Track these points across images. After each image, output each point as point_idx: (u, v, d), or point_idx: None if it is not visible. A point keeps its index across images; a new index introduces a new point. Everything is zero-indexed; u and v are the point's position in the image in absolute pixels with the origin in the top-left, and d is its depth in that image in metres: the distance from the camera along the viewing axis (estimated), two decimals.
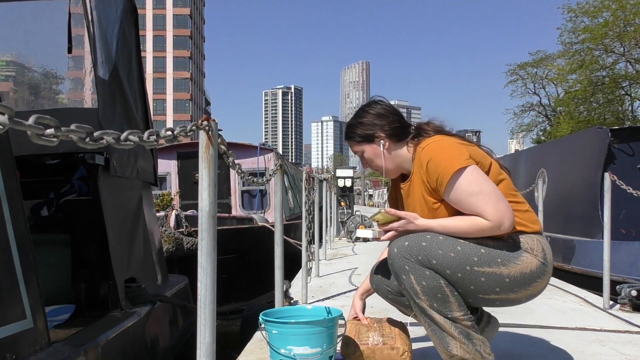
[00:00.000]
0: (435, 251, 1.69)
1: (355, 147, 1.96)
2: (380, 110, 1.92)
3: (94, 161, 2.72)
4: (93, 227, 2.77)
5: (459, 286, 1.70)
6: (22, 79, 4.71)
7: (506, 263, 1.68)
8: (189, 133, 1.36)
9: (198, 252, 1.37)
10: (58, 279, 2.80)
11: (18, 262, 1.85)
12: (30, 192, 2.08)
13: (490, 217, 1.65)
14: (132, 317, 2.68)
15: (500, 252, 1.69)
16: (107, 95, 2.91)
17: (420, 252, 1.69)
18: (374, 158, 1.92)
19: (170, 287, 3.60)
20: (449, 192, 1.70)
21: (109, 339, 2.32)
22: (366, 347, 2.07)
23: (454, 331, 1.69)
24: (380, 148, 1.89)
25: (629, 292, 3.55)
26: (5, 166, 1.86)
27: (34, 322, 1.88)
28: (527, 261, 1.70)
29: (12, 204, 1.86)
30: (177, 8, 76.85)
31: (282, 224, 3.08)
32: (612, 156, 6.14)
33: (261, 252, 6.17)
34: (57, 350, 1.97)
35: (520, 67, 28.39)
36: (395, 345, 2.06)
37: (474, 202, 1.66)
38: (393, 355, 2.04)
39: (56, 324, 2.47)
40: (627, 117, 22.53)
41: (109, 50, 2.99)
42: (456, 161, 1.69)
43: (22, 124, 0.82)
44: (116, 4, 3.20)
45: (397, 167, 1.93)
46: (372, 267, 2.11)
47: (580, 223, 6.81)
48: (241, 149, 9.06)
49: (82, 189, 3.02)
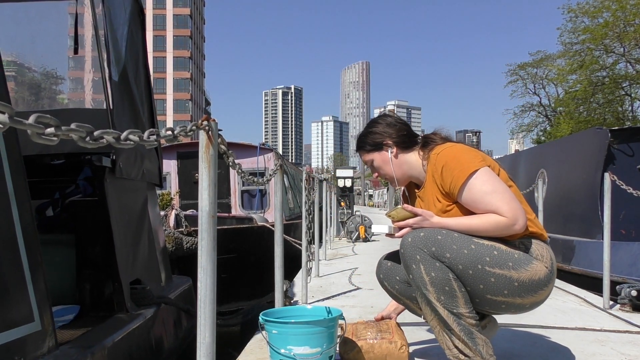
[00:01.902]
0: (450, 245, 1.72)
1: (365, 156, 2.03)
2: (390, 120, 2.01)
3: (101, 163, 2.71)
4: (98, 227, 2.76)
5: (469, 284, 1.72)
6: (22, 79, 4.71)
7: (517, 267, 1.72)
8: (189, 133, 1.36)
9: (198, 252, 1.37)
10: (62, 279, 2.80)
11: (26, 264, 1.85)
12: (35, 192, 2.08)
13: (506, 213, 1.70)
14: (138, 319, 2.67)
15: (512, 256, 1.73)
16: (119, 97, 2.92)
17: (435, 244, 1.72)
18: (382, 165, 1.98)
19: (174, 288, 3.59)
20: (463, 192, 1.75)
21: (116, 341, 2.32)
22: (364, 342, 2.08)
23: (456, 327, 1.71)
24: (389, 155, 1.95)
25: (629, 292, 3.55)
26: (14, 166, 1.86)
27: (42, 325, 1.87)
28: (537, 268, 1.74)
29: (20, 204, 1.85)
30: (177, 8, 76.87)
31: (282, 224, 3.08)
32: (612, 156, 6.14)
33: (261, 252, 6.17)
34: (64, 352, 1.97)
35: (520, 67, 28.40)
36: (394, 339, 2.07)
37: (489, 200, 1.72)
38: (392, 348, 2.05)
39: (61, 324, 2.46)
40: (627, 118, 22.53)
41: (118, 52, 3.00)
42: (471, 163, 1.76)
43: (22, 123, 0.81)
44: (125, 4, 3.20)
45: (405, 175, 1.98)
46: (380, 260, 2.12)
47: (580, 223, 6.81)
48: (241, 149, 9.05)
49: (87, 190, 3.03)
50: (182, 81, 77.02)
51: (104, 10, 2.87)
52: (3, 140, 1.84)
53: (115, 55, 2.94)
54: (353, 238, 9.52)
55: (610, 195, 3.68)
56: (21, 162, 1.93)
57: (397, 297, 2.06)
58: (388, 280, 2.05)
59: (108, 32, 2.85)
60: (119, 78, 2.96)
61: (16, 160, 1.89)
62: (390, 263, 2.06)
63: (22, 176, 1.92)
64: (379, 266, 2.11)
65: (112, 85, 2.86)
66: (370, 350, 2.07)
